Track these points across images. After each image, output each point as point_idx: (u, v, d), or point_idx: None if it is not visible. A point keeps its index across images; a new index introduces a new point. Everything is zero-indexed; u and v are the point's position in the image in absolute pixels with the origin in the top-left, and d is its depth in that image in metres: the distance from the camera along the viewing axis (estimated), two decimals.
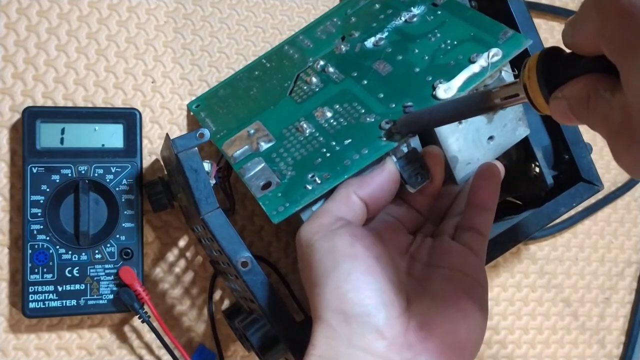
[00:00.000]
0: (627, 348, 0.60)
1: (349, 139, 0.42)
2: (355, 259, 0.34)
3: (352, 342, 0.32)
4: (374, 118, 0.42)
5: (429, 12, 0.47)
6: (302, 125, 0.44)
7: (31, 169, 0.46)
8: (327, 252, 0.35)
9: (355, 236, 0.35)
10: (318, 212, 0.38)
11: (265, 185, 0.42)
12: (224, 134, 0.47)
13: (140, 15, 0.52)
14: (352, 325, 0.32)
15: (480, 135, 0.43)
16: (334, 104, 0.45)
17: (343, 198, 0.38)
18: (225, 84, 0.52)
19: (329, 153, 0.42)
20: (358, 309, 0.33)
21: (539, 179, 0.48)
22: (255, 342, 0.40)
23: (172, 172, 0.45)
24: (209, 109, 0.50)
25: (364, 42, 0.47)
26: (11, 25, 0.50)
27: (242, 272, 0.39)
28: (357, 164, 0.40)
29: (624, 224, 0.62)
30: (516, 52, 0.41)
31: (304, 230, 0.37)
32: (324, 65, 0.48)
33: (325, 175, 0.40)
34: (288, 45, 0.52)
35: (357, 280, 0.33)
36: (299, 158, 0.43)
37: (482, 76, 0.41)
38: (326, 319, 0.33)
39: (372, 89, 0.44)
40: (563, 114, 0.28)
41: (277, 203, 0.40)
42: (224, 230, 0.39)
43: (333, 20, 0.51)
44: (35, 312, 0.46)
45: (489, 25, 0.43)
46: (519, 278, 0.59)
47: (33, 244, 0.46)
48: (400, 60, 0.45)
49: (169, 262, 0.51)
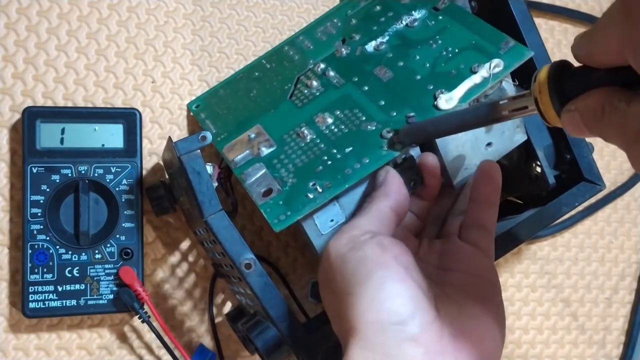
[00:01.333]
0: (627, 348, 0.60)
1: (350, 146, 0.42)
2: (387, 267, 0.34)
3: (388, 352, 0.32)
4: (375, 126, 0.42)
5: (430, 16, 0.47)
6: (302, 131, 0.44)
7: (31, 169, 0.46)
8: (359, 262, 0.34)
9: (384, 245, 0.35)
10: (347, 227, 0.38)
11: (266, 192, 0.42)
12: (225, 136, 0.47)
13: (140, 15, 0.52)
14: (388, 334, 0.32)
15: (479, 143, 0.44)
16: (335, 110, 0.45)
17: (375, 213, 0.38)
18: (225, 84, 0.52)
19: (330, 161, 0.42)
20: (394, 318, 0.32)
21: (541, 179, 0.48)
22: (260, 345, 0.39)
23: (174, 175, 0.45)
24: (209, 110, 0.50)
25: (365, 46, 0.47)
26: (11, 25, 0.50)
27: (246, 274, 0.39)
28: (358, 173, 0.41)
29: (624, 224, 0.62)
30: (518, 64, 0.42)
31: (334, 243, 0.37)
32: (324, 68, 0.48)
33: (327, 184, 0.41)
34: (288, 46, 0.52)
35: (391, 288, 0.33)
36: (300, 165, 0.43)
37: (484, 87, 0.41)
38: (360, 330, 0.33)
39: (373, 95, 0.44)
40: (575, 127, 0.28)
41: (278, 211, 0.40)
42: (227, 232, 0.39)
43: (333, 21, 0.51)
44: (35, 312, 0.46)
45: (490, 33, 0.43)
46: (519, 278, 0.59)
47: (33, 244, 0.46)
48: (401, 67, 0.45)
49: (169, 262, 0.51)
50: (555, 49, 0.62)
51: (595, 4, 0.64)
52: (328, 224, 0.43)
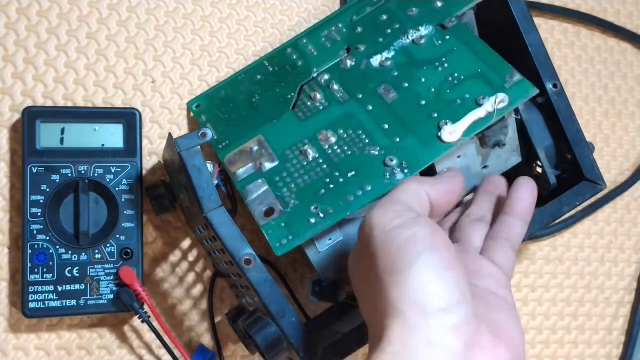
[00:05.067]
0: (627, 348, 0.60)
1: (353, 171, 0.43)
2: (438, 250, 0.32)
3: (430, 340, 0.30)
4: (378, 151, 0.43)
5: (437, 35, 0.47)
6: (306, 150, 0.45)
7: (31, 169, 0.46)
8: (408, 241, 0.33)
9: (435, 228, 0.34)
10: (387, 200, 0.36)
11: (268, 212, 0.43)
12: (226, 144, 0.47)
13: (140, 15, 0.52)
14: (431, 321, 0.31)
15: (476, 165, 0.45)
16: (338, 129, 0.45)
17: (415, 192, 0.37)
18: (226, 84, 0.52)
19: (332, 184, 0.43)
20: (440, 304, 0.31)
21: (542, 179, 0.48)
22: (260, 341, 0.39)
23: (174, 173, 0.45)
24: (210, 113, 0.50)
25: (370, 60, 0.47)
26: (11, 25, 0.50)
27: (246, 270, 0.39)
28: (360, 200, 0.42)
29: (624, 224, 0.62)
30: (522, 101, 0.43)
31: (377, 216, 0.35)
32: (328, 80, 0.48)
33: (328, 210, 0.42)
34: (291, 49, 0.51)
35: (440, 274, 0.31)
36: (302, 185, 0.44)
37: (488, 122, 0.42)
38: (403, 312, 0.31)
39: (377, 117, 0.45)
40: None
41: (280, 235, 0.42)
42: (227, 228, 0.39)
43: (338, 26, 0.51)
44: (35, 312, 0.46)
45: (497, 63, 0.44)
46: (519, 278, 0.59)
47: (33, 244, 0.46)
48: (406, 88, 0.45)
49: (169, 262, 0.51)
50: (555, 49, 0.62)
51: (596, 4, 0.64)
52: (326, 242, 0.44)
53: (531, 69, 0.47)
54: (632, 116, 0.64)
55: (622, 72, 0.64)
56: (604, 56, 0.64)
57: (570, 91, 0.62)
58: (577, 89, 0.63)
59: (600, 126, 0.63)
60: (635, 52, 0.65)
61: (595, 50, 0.64)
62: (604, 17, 0.64)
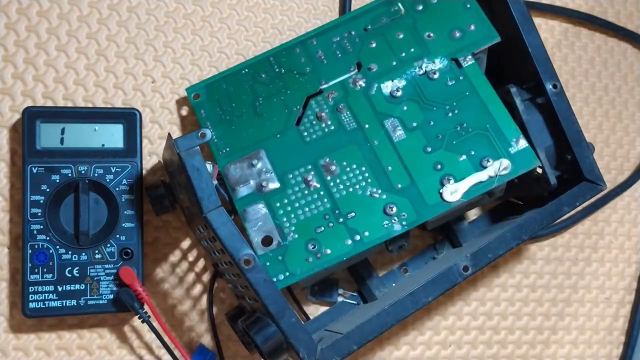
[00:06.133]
0: (627, 348, 0.60)
1: (353, 212, 0.45)
2: None
3: None
4: (379, 195, 0.45)
5: (451, 73, 0.47)
6: (308, 179, 0.46)
7: (31, 169, 0.46)
8: None
9: None
10: None
11: (265, 240, 0.44)
12: (227, 152, 0.47)
13: (140, 15, 0.52)
14: None
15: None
16: (342, 160, 0.46)
17: None
18: (228, 75, 0.50)
19: (331, 223, 0.45)
20: None
21: (542, 179, 0.48)
22: (260, 342, 0.39)
23: (174, 173, 0.46)
24: (210, 108, 0.49)
25: (381, 85, 0.48)
26: (11, 25, 0.50)
27: (245, 270, 0.39)
28: (357, 246, 0.44)
29: (624, 224, 0.62)
30: (524, 172, 0.44)
31: None
32: (337, 99, 0.48)
33: (326, 251, 0.44)
34: (299, 48, 0.50)
35: None
36: (302, 218, 0.45)
37: (489, 186, 0.44)
38: None
39: (382, 155, 0.46)
40: None
41: (277, 269, 0.44)
42: (227, 228, 0.39)
43: (351, 33, 0.50)
44: (35, 312, 0.46)
45: (505, 122, 0.46)
46: (519, 278, 0.59)
47: (33, 244, 0.46)
48: (414, 129, 0.46)
49: (169, 262, 0.51)
50: (555, 49, 0.62)
51: (595, 4, 0.64)
52: None
53: (531, 69, 0.47)
54: (632, 116, 0.64)
55: (622, 72, 0.64)
56: (604, 56, 0.64)
57: (570, 91, 0.62)
58: (577, 89, 0.63)
59: (600, 126, 0.63)
60: (635, 52, 0.65)
61: (595, 50, 0.64)
62: (604, 17, 0.64)
